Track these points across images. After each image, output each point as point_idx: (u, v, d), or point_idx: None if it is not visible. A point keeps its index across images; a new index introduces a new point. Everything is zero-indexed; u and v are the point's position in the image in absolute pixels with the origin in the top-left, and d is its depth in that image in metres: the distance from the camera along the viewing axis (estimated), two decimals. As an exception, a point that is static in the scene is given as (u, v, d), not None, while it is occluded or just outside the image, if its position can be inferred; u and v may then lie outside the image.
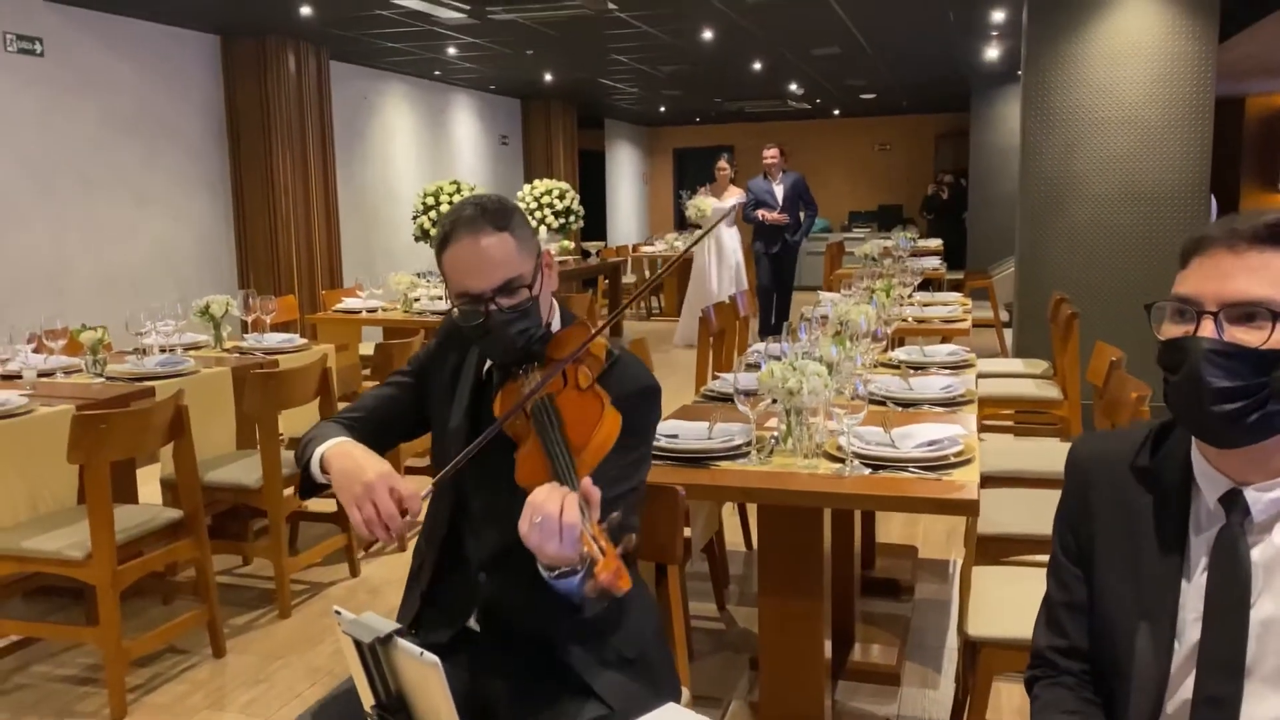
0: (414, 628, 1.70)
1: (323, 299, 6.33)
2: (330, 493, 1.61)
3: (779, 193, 8.76)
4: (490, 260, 1.55)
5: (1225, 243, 1.14)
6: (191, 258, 7.42)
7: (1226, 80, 9.28)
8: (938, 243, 10.08)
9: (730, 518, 4.03)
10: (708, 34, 8.02)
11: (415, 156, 10.50)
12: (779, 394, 2.32)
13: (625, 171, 16.29)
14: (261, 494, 3.47)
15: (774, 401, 2.36)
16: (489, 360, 1.69)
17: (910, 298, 5.27)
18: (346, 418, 1.74)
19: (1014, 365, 5.10)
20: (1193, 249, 1.18)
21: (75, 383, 3.65)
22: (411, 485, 1.52)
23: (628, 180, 16.41)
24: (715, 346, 4.42)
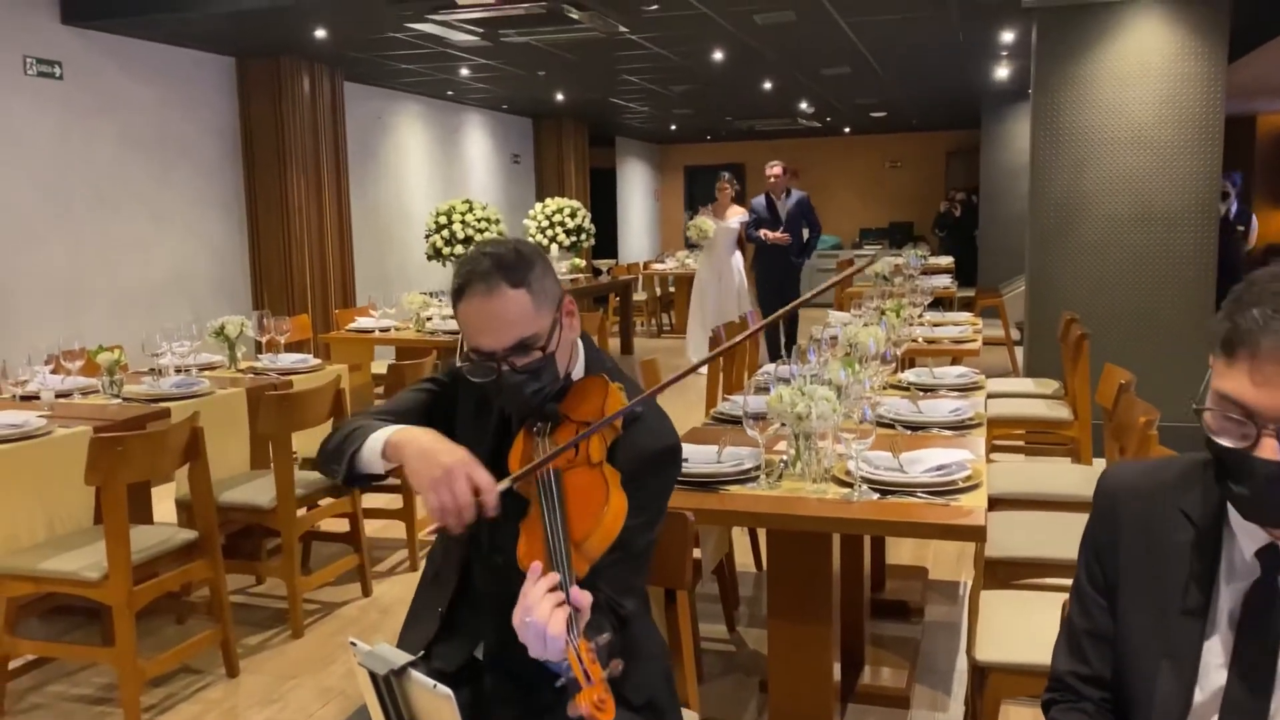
0: (426, 653, 1.70)
1: (336, 318, 6.39)
2: (377, 486, 1.55)
3: (782, 212, 8.42)
4: (502, 320, 1.51)
5: None
6: (206, 277, 7.49)
7: (1237, 98, 9.28)
8: (949, 260, 10.07)
9: (741, 539, 4.03)
10: (718, 55, 8.08)
11: (428, 175, 10.58)
12: (787, 419, 2.34)
13: (636, 189, 16.36)
14: (275, 514, 3.50)
15: (783, 425, 2.38)
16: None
17: (921, 317, 5.27)
18: (378, 415, 1.71)
19: (1025, 385, 5.10)
20: (1239, 341, 1.07)
21: (92, 403, 3.69)
22: (488, 477, 1.47)
23: (639, 197, 16.48)
24: (725, 367, 4.44)
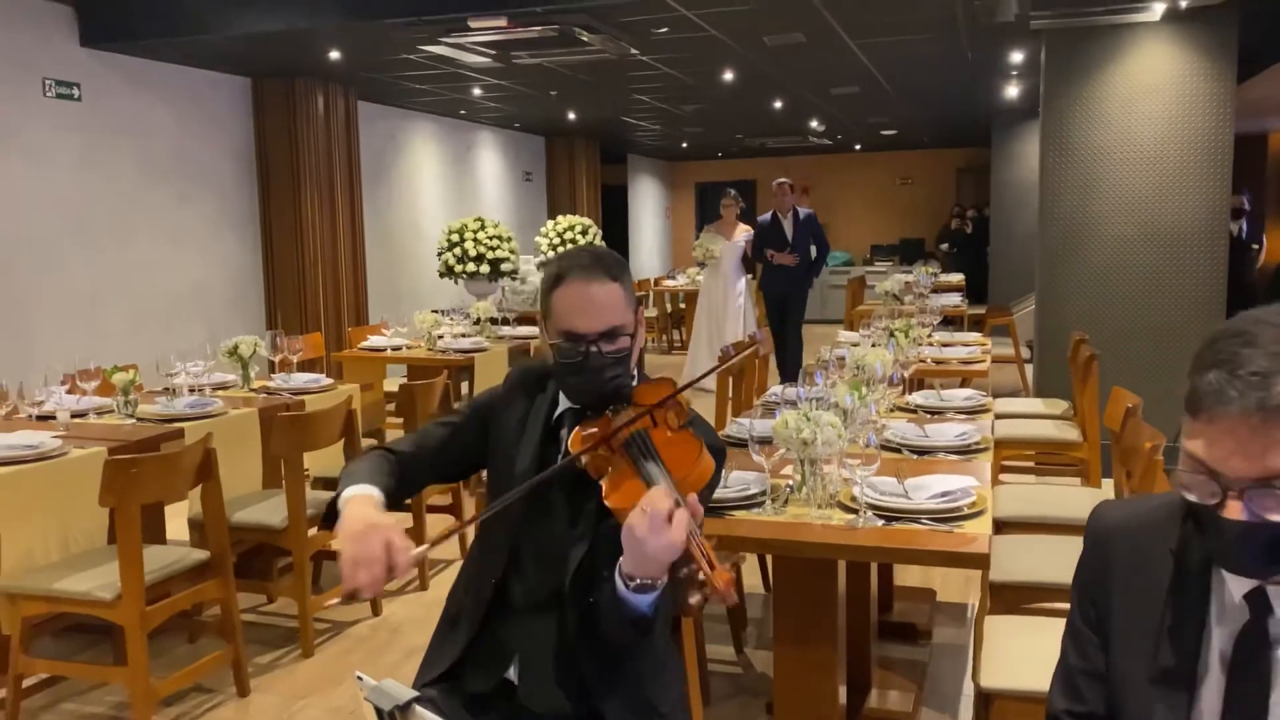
0: (452, 677, 1.71)
1: (349, 336, 6.43)
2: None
3: (789, 230, 8.12)
4: (599, 304, 1.65)
5: (1256, 414, 1.04)
6: (221, 296, 7.56)
7: (1249, 117, 9.27)
8: (959, 278, 10.06)
9: (750, 560, 4.03)
10: (728, 75, 8.13)
11: (440, 193, 10.65)
12: (793, 444, 2.35)
13: (647, 206, 16.42)
14: (287, 534, 3.53)
15: (788, 450, 2.39)
16: (570, 401, 1.73)
17: (930, 337, 5.27)
18: (392, 452, 1.77)
19: (1034, 405, 5.09)
20: (1199, 406, 1.08)
21: (107, 423, 3.74)
22: (406, 541, 1.49)
23: (650, 214, 16.54)
24: (735, 386, 4.45)
